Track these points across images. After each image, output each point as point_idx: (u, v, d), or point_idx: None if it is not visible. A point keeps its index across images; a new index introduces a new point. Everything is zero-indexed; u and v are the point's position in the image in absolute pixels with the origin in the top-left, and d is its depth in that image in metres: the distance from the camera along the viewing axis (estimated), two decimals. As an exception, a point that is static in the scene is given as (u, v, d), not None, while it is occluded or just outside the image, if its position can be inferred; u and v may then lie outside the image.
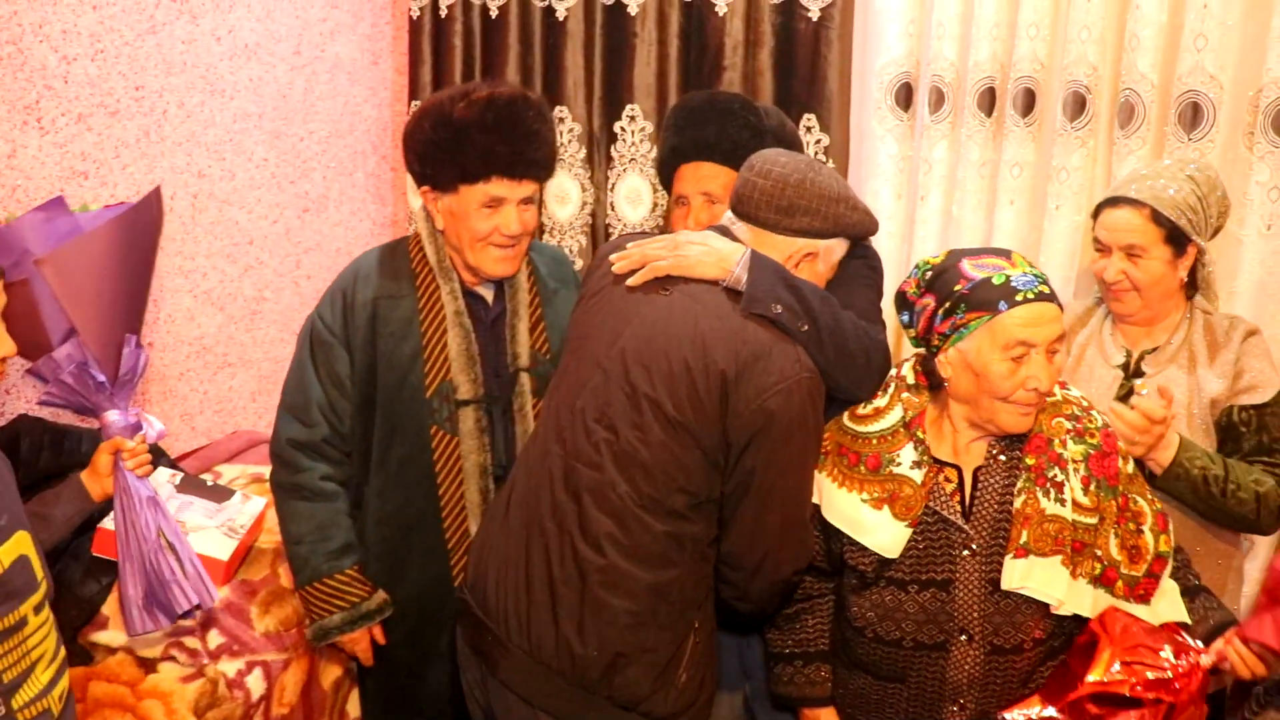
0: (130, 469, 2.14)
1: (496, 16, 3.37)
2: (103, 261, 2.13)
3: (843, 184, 2.05)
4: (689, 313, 1.94)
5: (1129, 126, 2.76)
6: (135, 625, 2.13)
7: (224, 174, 3.04)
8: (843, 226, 2.04)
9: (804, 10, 3.07)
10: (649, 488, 1.91)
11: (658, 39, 3.25)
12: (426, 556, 2.31)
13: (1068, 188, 2.85)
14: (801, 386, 1.89)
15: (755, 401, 1.87)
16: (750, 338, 1.89)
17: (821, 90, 3.08)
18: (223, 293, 3.10)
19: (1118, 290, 2.30)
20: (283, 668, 2.35)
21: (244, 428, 3.20)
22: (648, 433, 1.90)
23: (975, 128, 2.94)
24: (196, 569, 2.19)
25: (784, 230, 2.01)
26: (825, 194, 2.00)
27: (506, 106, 2.15)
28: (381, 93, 3.63)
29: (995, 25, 2.87)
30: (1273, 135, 2.67)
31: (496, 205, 2.18)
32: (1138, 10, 2.71)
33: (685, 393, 1.89)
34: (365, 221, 3.61)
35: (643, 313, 1.98)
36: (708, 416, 1.88)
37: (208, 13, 2.92)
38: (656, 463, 1.90)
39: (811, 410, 1.93)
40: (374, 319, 2.26)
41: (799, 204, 1.99)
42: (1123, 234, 2.26)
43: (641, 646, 1.93)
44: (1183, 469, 2.14)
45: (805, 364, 1.91)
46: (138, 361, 2.18)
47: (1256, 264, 2.73)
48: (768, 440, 1.89)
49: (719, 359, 1.88)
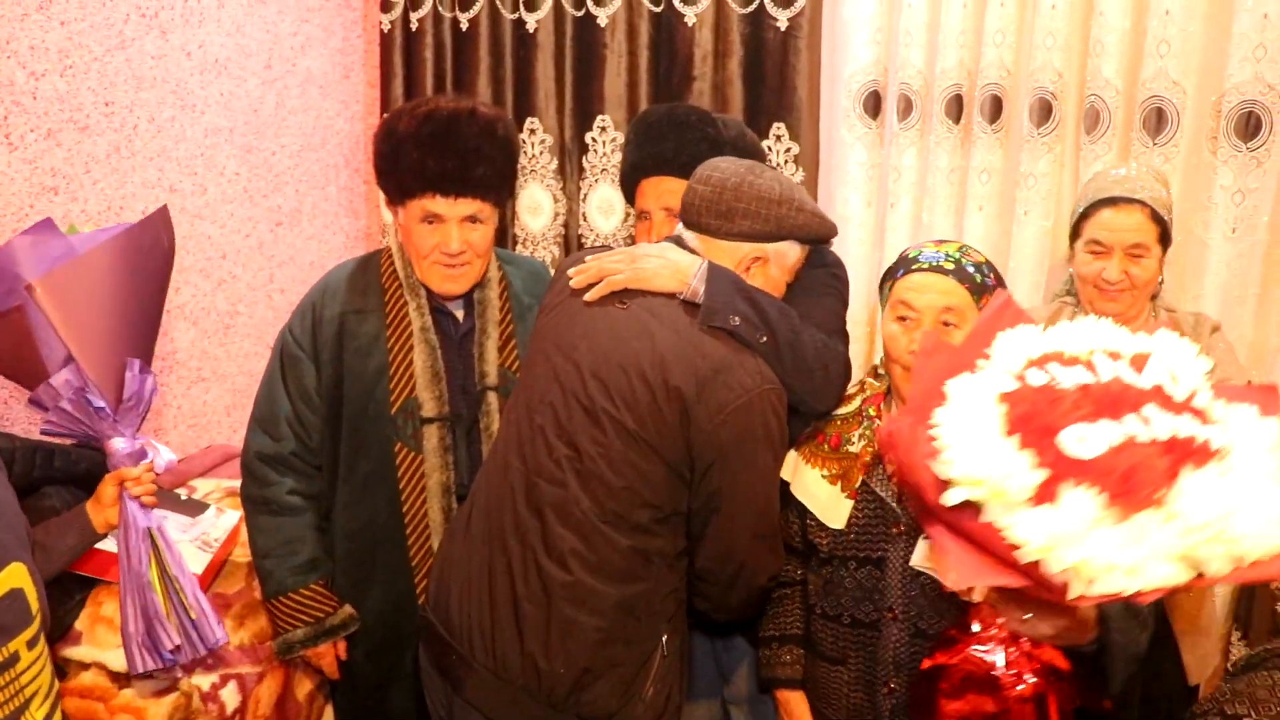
0: (135, 497, 2.12)
1: (467, 29, 3.39)
2: (100, 284, 2.08)
3: (788, 186, 2.03)
4: (646, 327, 1.92)
5: (1095, 132, 2.79)
6: (136, 665, 2.11)
7: (195, 189, 3.04)
8: (788, 229, 2.01)
9: (772, 20, 3.09)
10: (612, 503, 1.89)
11: (627, 50, 3.27)
12: (391, 573, 2.31)
13: (1035, 193, 2.88)
14: (763, 400, 1.88)
15: (716, 418, 1.85)
16: (709, 352, 1.88)
17: (791, 99, 3.10)
18: (195, 307, 3.10)
19: (1115, 291, 2.32)
20: (257, 680, 2.34)
21: (218, 442, 3.19)
22: (609, 448, 1.89)
23: (943, 134, 2.96)
24: (200, 603, 2.18)
25: (727, 235, 2.00)
26: (765, 196, 1.98)
27: (445, 122, 2.12)
28: (353, 106, 3.64)
29: (961, 33, 2.90)
30: (1235, 139, 2.70)
31: (435, 221, 2.17)
32: (1102, 17, 2.74)
33: (645, 409, 1.87)
34: (338, 235, 3.62)
35: (600, 327, 1.96)
36: (669, 432, 1.87)
37: (177, 28, 2.92)
38: (619, 478, 1.89)
39: (775, 422, 1.92)
40: (341, 334, 2.26)
41: (737, 207, 1.97)
42: (1129, 234, 2.29)
43: (609, 662, 1.92)
44: None
45: (766, 375, 1.90)
46: (143, 387, 2.14)
47: (1222, 267, 2.76)
48: (732, 457, 1.88)
49: (676, 377, 1.86)
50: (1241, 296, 2.77)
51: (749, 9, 3.12)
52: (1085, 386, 1.31)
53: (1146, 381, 1.32)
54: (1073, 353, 1.40)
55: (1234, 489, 1.23)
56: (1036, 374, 1.35)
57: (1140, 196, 2.29)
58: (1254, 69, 2.64)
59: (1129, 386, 1.31)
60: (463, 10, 3.39)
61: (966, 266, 1.97)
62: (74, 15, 2.63)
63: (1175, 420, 1.26)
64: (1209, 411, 1.31)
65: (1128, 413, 1.26)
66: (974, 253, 2.03)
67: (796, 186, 2.04)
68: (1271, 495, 1.23)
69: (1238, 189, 2.72)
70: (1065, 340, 1.43)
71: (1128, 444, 1.24)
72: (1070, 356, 1.39)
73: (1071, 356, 1.39)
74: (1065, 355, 1.39)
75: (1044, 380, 1.33)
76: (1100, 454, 1.24)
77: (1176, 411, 1.28)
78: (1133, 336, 1.45)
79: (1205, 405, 1.31)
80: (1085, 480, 1.23)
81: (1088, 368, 1.35)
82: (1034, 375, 1.35)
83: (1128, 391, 1.30)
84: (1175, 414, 1.27)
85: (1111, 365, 1.35)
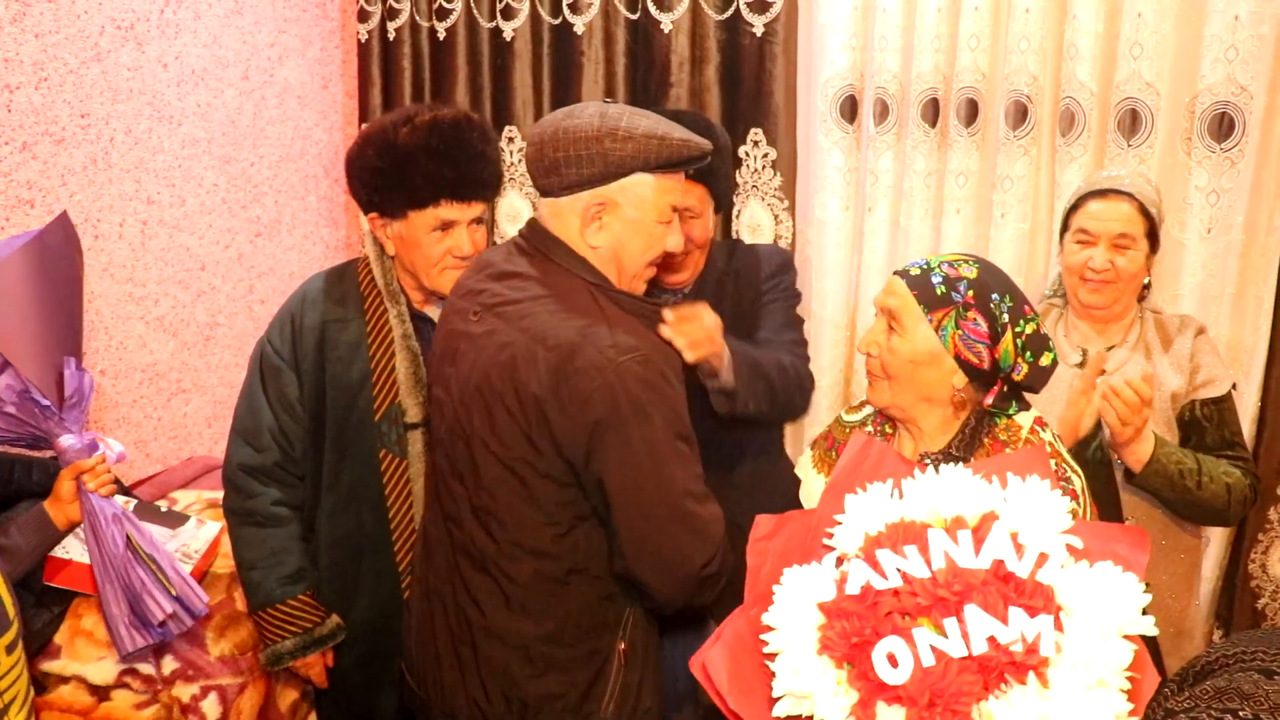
0: (94, 489, 2.12)
1: (444, 38, 3.39)
2: (20, 289, 2.10)
3: (613, 116, 1.79)
4: (495, 337, 1.79)
5: (1070, 134, 2.81)
6: (125, 645, 2.11)
7: (174, 200, 3.04)
8: (618, 161, 1.77)
9: (748, 26, 3.10)
10: (505, 534, 1.80)
11: (604, 57, 3.28)
12: (377, 580, 2.30)
13: (1012, 195, 2.89)
14: (623, 373, 1.70)
15: (574, 410, 1.70)
16: (555, 339, 1.72)
17: (768, 104, 3.11)
18: (175, 319, 3.09)
19: (1100, 281, 2.33)
20: (239, 691, 2.33)
21: (199, 453, 3.19)
22: (487, 478, 1.80)
23: (920, 138, 2.97)
24: (180, 575, 2.18)
25: (562, 190, 1.81)
26: (581, 134, 1.77)
27: (451, 130, 2.14)
28: (332, 116, 3.64)
29: (937, 37, 2.92)
30: (1209, 140, 2.72)
31: (448, 228, 2.17)
32: (1075, 20, 2.76)
33: (506, 427, 1.75)
34: (318, 245, 3.61)
35: (461, 349, 1.86)
36: (537, 445, 1.75)
37: (153, 39, 2.92)
38: (506, 507, 1.79)
39: (647, 392, 1.71)
40: (322, 343, 2.25)
41: (558, 157, 1.78)
42: (1115, 223, 2.30)
43: (547, 694, 1.84)
44: (1160, 464, 2.16)
45: (622, 345, 1.71)
46: (82, 383, 2.16)
47: (1198, 267, 2.78)
48: (607, 445, 1.71)
49: (526, 380, 1.72)
50: (1218, 296, 2.79)
51: (725, 15, 3.13)
52: (908, 586, 1.26)
53: (985, 558, 1.26)
54: (920, 519, 1.34)
55: (1051, 707, 1.18)
56: (859, 570, 1.29)
57: (1129, 190, 2.31)
58: (1226, 70, 2.66)
59: (959, 575, 1.25)
60: (440, 19, 3.39)
61: (932, 277, 1.82)
62: (48, 28, 2.63)
63: (995, 627, 1.21)
64: (1052, 589, 1.25)
65: (949, 616, 1.22)
66: (963, 266, 1.85)
67: (633, 113, 1.80)
68: (1092, 710, 1.18)
69: (1212, 189, 2.74)
70: (913, 502, 1.37)
71: (941, 661, 1.20)
72: (915, 526, 1.33)
73: (914, 527, 1.33)
74: (908, 525, 1.33)
75: (863, 581, 1.28)
76: (909, 677, 1.20)
77: (1010, 598, 1.23)
78: (982, 492, 1.37)
79: (1051, 576, 1.25)
80: (896, 701, 1.21)
81: (921, 551, 1.28)
82: (856, 573, 1.29)
83: (957, 580, 1.24)
84: (1006, 603, 1.22)
85: (946, 545, 1.28)
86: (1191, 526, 2.36)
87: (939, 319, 1.77)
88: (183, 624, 2.20)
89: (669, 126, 1.80)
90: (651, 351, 1.75)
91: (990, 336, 1.76)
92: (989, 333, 1.76)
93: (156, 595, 2.13)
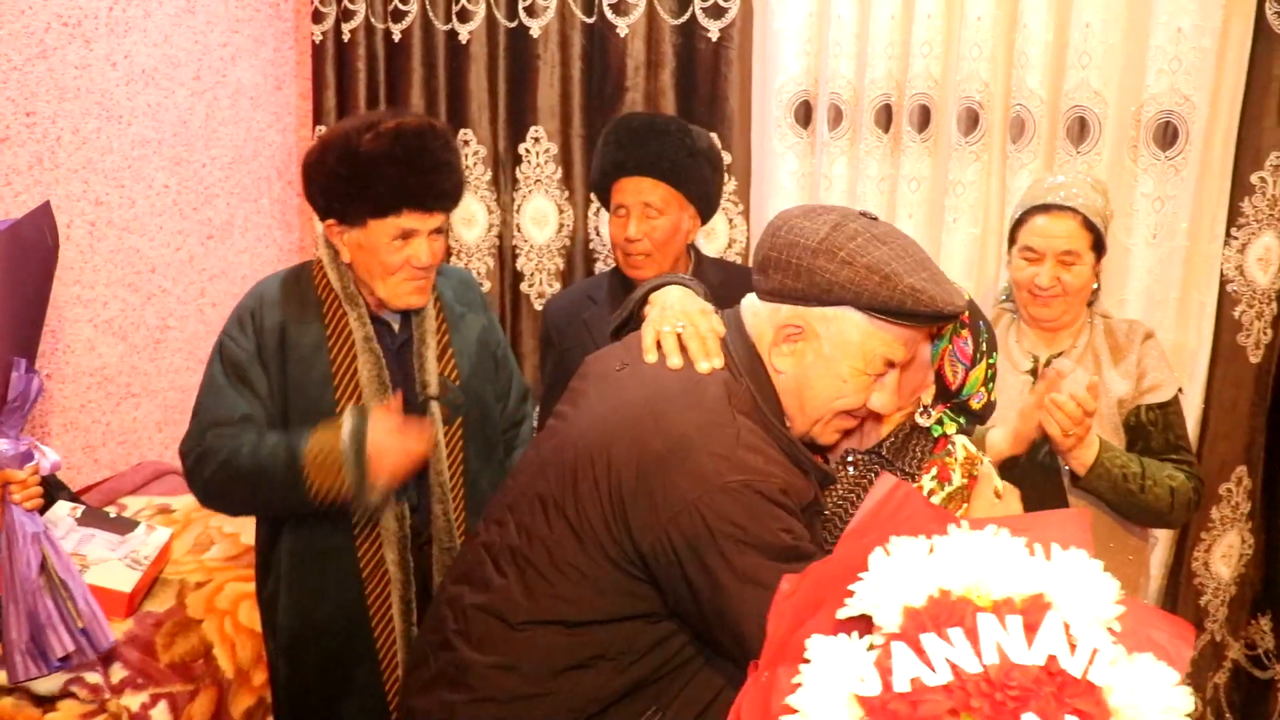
0: (18, 503, 2.06)
1: (399, 41, 3.38)
2: None
3: (843, 234, 1.54)
4: (621, 393, 1.63)
5: (1021, 141, 2.85)
6: (17, 673, 2.04)
7: (123, 201, 3.00)
8: (825, 287, 1.56)
9: (704, 31, 3.12)
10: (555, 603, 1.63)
11: (560, 61, 3.28)
12: (340, 584, 2.26)
13: (964, 201, 2.93)
14: (716, 500, 1.48)
15: (659, 516, 1.50)
16: (671, 427, 1.53)
17: (722, 109, 3.13)
18: (124, 322, 3.05)
19: (1047, 296, 2.35)
20: (189, 699, 2.31)
21: (149, 458, 3.15)
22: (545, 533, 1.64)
23: (873, 144, 3.00)
24: (91, 606, 2.10)
25: (764, 295, 1.63)
26: (801, 242, 1.56)
27: (415, 138, 2.11)
28: (286, 118, 3.61)
29: (890, 44, 2.95)
30: (1154, 148, 2.78)
31: (408, 238, 2.14)
32: (1026, 29, 2.81)
33: (587, 496, 1.57)
34: (271, 248, 3.58)
35: (587, 391, 1.71)
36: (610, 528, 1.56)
37: (102, 37, 2.88)
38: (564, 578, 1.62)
39: (750, 523, 1.48)
40: (284, 344, 2.22)
41: (772, 256, 1.58)
42: (1060, 240, 2.31)
43: None
44: (1104, 468, 2.20)
45: (737, 463, 1.50)
46: (29, 387, 2.09)
47: (1144, 272, 2.84)
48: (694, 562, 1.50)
49: (620, 454, 1.54)
50: (1163, 301, 2.85)
51: (681, 20, 3.15)
52: (961, 682, 1.14)
53: (1038, 653, 1.15)
54: (959, 592, 1.22)
55: None
56: (904, 659, 1.16)
57: (1073, 204, 2.32)
58: (1170, 81, 2.72)
59: (1013, 672, 1.14)
60: (395, 21, 3.38)
61: None
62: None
63: None
64: (1105, 690, 1.14)
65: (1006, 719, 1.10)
66: None
67: (873, 238, 1.54)
68: None
69: (1157, 196, 2.80)
70: (951, 569, 1.25)
71: None
72: (958, 604, 1.20)
73: (958, 605, 1.20)
74: (951, 603, 1.20)
75: (910, 674, 1.15)
76: None
77: (1065, 702, 1.12)
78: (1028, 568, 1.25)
79: (1102, 676, 1.14)
80: None
81: (969, 637, 1.16)
82: (901, 662, 1.16)
83: (1011, 680, 1.13)
84: (1060, 709, 1.11)
85: (997, 633, 1.17)
86: (1139, 529, 2.40)
87: (939, 329, 1.73)
88: (85, 657, 2.11)
89: (909, 266, 1.52)
90: (764, 480, 1.50)
91: (972, 360, 1.74)
92: (973, 356, 1.74)
93: (60, 631, 2.04)
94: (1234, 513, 3.01)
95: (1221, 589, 3.06)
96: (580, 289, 2.79)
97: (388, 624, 2.23)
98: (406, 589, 2.23)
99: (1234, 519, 3.01)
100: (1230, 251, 2.86)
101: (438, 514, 2.25)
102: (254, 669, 2.51)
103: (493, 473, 2.34)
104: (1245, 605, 3.09)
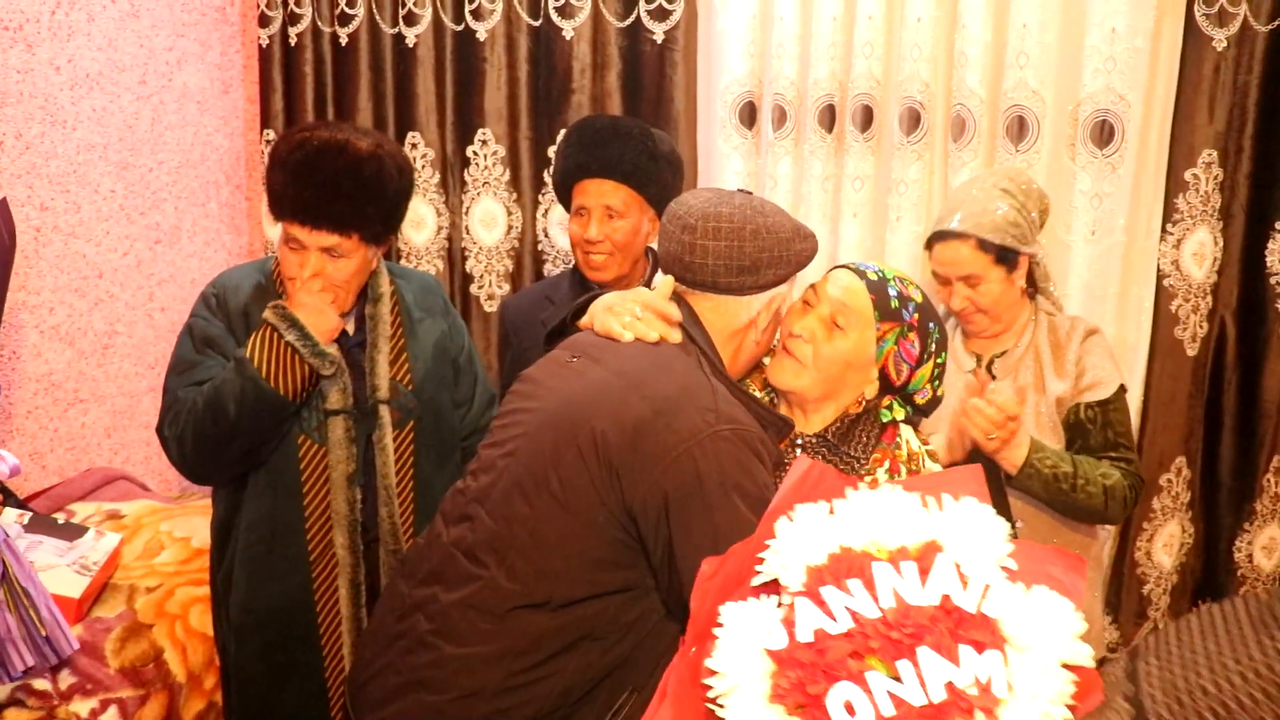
0: None
1: (346, 44, 3.38)
2: None
3: (779, 210, 1.79)
4: (585, 375, 1.72)
5: (961, 140, 2.90)
6: None
7: (69, 206, 2.98)
8: (799, 263, 1.80)
9: (649, 33, 3.15)
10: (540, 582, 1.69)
11: (507, 63, 3.29)
12: (289, 567, 2.26)
13: (907, 199, 2.98)
14: (709, 445, 1.59)
15: (656, 472, 1.59)
16: (652, 390, 1.63)
17: (668, 110, 3.16)
18: (71, 327, 3.03)
19: (965, 315, 2.38)
20: (140, 704, 2.30)
21: (98, 464, 3.13)
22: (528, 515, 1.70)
23: (817, 144, 3.04)
24: (54, 615, 2.08)
25: (752, 289, 1.77)
26: (781, 234, 1.76)
27: (314, 152, 2.13)
28: (233, 122, 3.59)
29: (832, 45, 2.99)
30: (1092, 146, 2.84)
31: (298, 248, 2.17)
32: (965, 29, 2.86)
33: (571, 469, 1.63)
34: (220, 252, 3.57)
35: (547, 382, 1.78)
36: (602, 497, 1.63)
37: (44, 41, 2.86)
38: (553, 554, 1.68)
39: (735, 469, 1.60)
40: (249, 328, 2.23)
41: (763, 257, 1.74)
42: (956, 266, 2.32)
43: None
44: (1034, 468, 2.21)
45: (723, 414, 1.62)
46: None
47: (1084, 268, 2.89)
48: (690, 514, 1.59)
49: (608, 425, 1.61)
50: (1102, 296, 2.91)
51: (626, 23, 3.17)
52: (860, 627, 1.22)
53: (932, 593, 1.23)
54: (859, 547, 1.30)
55: None
56: (807, 612, 1.24)
57: (964, 228, 2.30)
58: (1105, 80, 2.78)
59: (909, 613, 1.22)
60: (342, 25, 3.38)
61: (889, 289, 1.85)
62: (-66, 31, 2.57)
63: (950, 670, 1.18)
64: (998, 621, 1.23)
65: (902, 657, 1.19)
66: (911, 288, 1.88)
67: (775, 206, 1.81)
68: None
69: (1095, 193, 2.86)
70: (850, 527, 1.33)
71: (900, 709, 1.17)
72: (856, 556, 1.29)
73: (856, 558, 1.29)
74: (850, 556, 1.29)
75: (814, 625, 1.23)
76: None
77: (959, 635, 1.21)
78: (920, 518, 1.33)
79: (995, 608, 1.23)
80: None
81: (867, 587, 1.24)
82: (804, 616, 1.24)
83: (908, 620, 1.21)
84: (956, 641, 1.20)
85: (893, 579, 1.25)
86: (1085, 525, 2.41)
87: (884, 331, 1.81)
88: (47, 664, 2.09)
89: None
90: (748, 430, 1.64)
91: (918, 360, 1.82)
92: (919, 356, 1.82)
93: (20, 646, 2.01)
94: (1174, 503, 3.07)
95: (1164, 578, 3.13)
96: (538, 289, 2.80)
97: (334, 608, 2.25)
98: (356, 573, 2.25)
99: (1174, 509, 3.07)
100: (1166, 247, 2.92)
101: (383, 516, 2.27)
102: (205, 673, 2.50)
103: (447, 478, 2.35)
104: (1187, 593, 3.16)
